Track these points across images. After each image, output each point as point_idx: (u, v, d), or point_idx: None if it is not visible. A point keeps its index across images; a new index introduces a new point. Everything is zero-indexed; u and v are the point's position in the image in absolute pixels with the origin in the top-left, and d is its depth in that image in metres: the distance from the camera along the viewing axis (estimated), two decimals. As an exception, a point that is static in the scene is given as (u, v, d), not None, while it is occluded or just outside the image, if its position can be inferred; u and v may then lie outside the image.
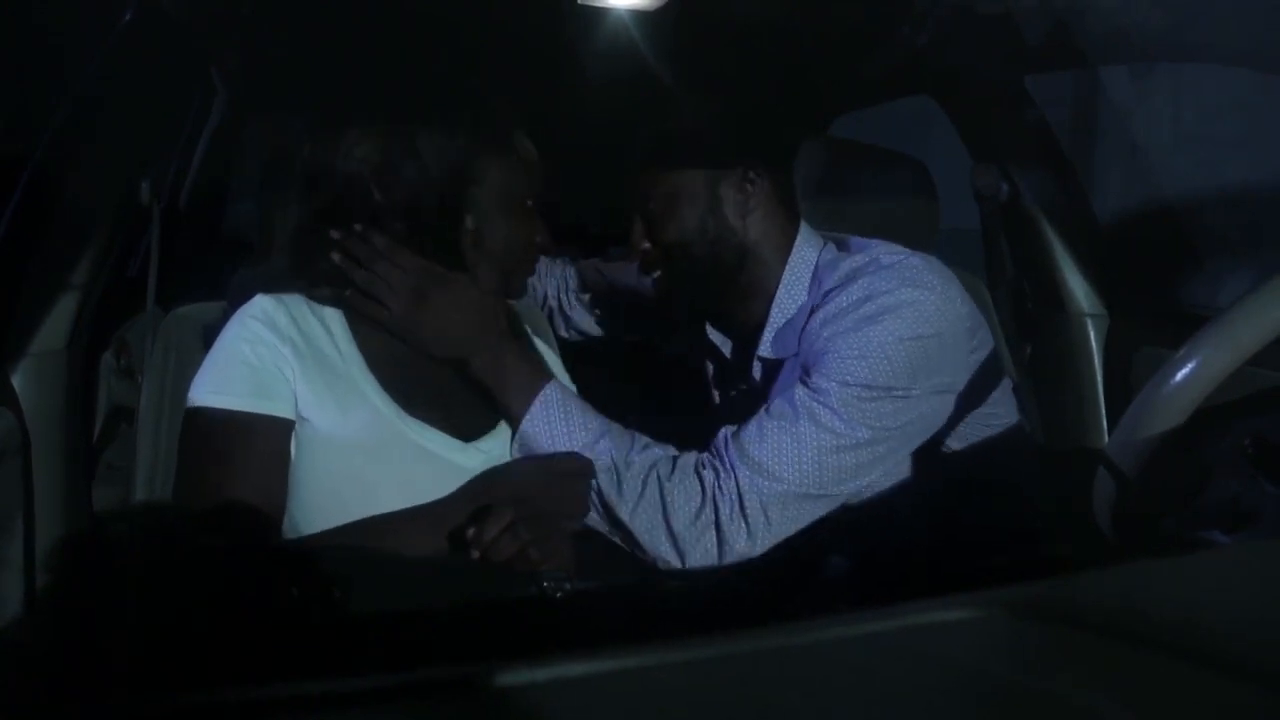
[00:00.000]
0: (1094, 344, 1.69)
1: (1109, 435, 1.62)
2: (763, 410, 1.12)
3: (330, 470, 1.01)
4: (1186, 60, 1.48)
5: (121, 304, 1.53)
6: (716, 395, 1.44)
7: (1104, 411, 1.67)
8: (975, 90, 1.72)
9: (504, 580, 0.92)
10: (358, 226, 1.05)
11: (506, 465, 1.10)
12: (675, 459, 1.11)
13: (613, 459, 1.08)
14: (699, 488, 1.08)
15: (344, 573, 0.86)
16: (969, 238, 1.76)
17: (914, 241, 1.59)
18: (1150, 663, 0.39)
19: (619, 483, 1.08)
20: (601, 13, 1.45)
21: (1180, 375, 0.79)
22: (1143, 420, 0.81)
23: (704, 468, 1.09)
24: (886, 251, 1.21)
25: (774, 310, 1.25)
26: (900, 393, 1.10)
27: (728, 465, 1.09)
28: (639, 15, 1.47)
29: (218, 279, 1.46)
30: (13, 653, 1.27)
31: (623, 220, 1.30)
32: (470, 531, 0.94)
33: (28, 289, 1.32)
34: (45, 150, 1.31)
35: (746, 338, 1.31)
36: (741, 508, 1.06)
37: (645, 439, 1.13)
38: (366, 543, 0.97)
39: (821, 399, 1.09)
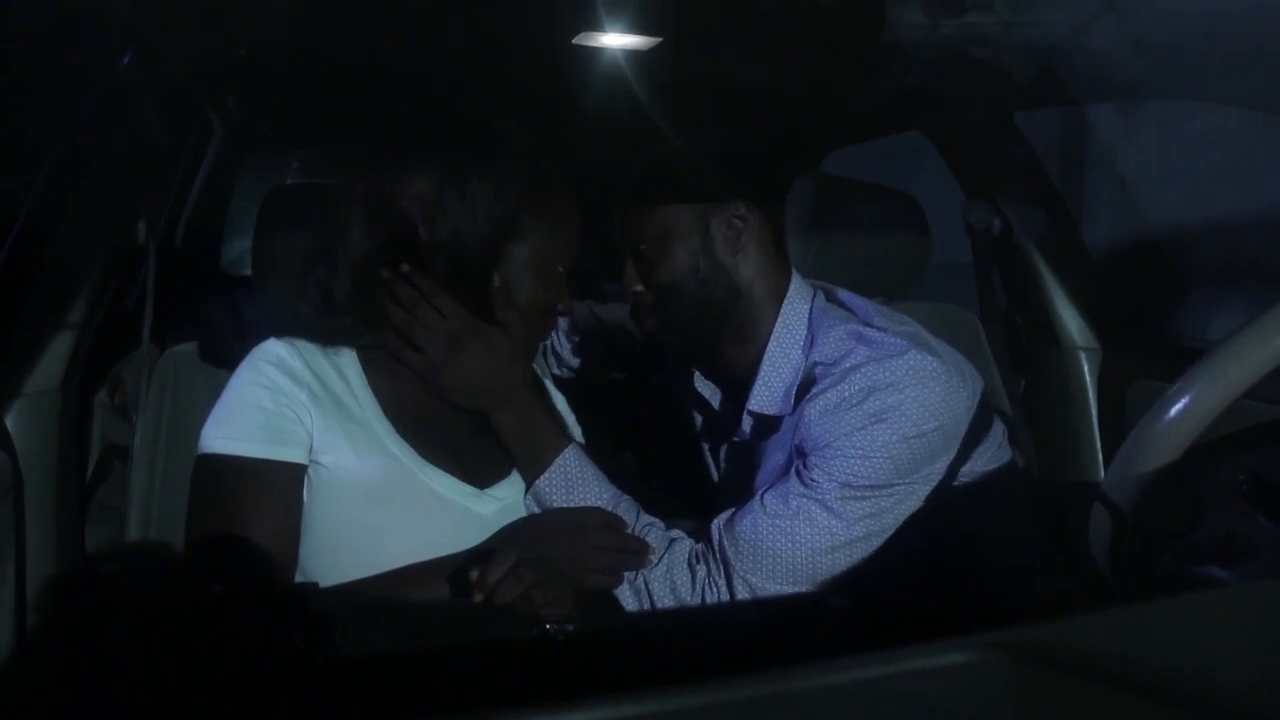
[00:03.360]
0: (1087, 377, 1.69)
1: (1104, 468, 1.63)
2: (757, 502, 1.11)
3: (343, 515, 1.00)
4: (1173, 98, 1.51)
5: (117, 342, 1.52)
6: (706, 447, 1.43)
7: (1099, 444, 1.67)
8: (966, 126, 1.73)
9: (507, 624, 0.91)
10: (405, 267, 1.04)
11: (535, 519, 1.09)
12: (672, 544, 1.11)
13: None
14: (690, 580, 1.09)
15: (347, 620, 0.86)
16: (961, 272, 1.77)
17: (906, 276, 1.60)
18: (1149, 711, 0.39)
19: None
20: (596, 52, 1.47)
21: (1174, 410, 0.79)
22: (1138, 456, 0.81)
23: (697, 561, 1.09)
24: (880, 318, 1.20)
25: (765, 362, 1.22)
26: (902, 487, 1.10)
27: (718, 560, 1.09)
28: (633, 55, 1.48)
29: (215, 316, 1.46)
30: (3, 694, 1.25)
31: (615, 258, 1.30)
32: (474, 575, 0.93)
33: (22, 327, 1.32)
34: (41, 189, 1.32)
35: (735, 388, 1.29)
36: (731, 594, 1.07)
37: (650, 519, 1.13)
38: (378, 593, 0.96)
39: (819, 498, 1.08)
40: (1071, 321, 1.70)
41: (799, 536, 1.07)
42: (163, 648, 0.88)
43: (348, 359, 1.07)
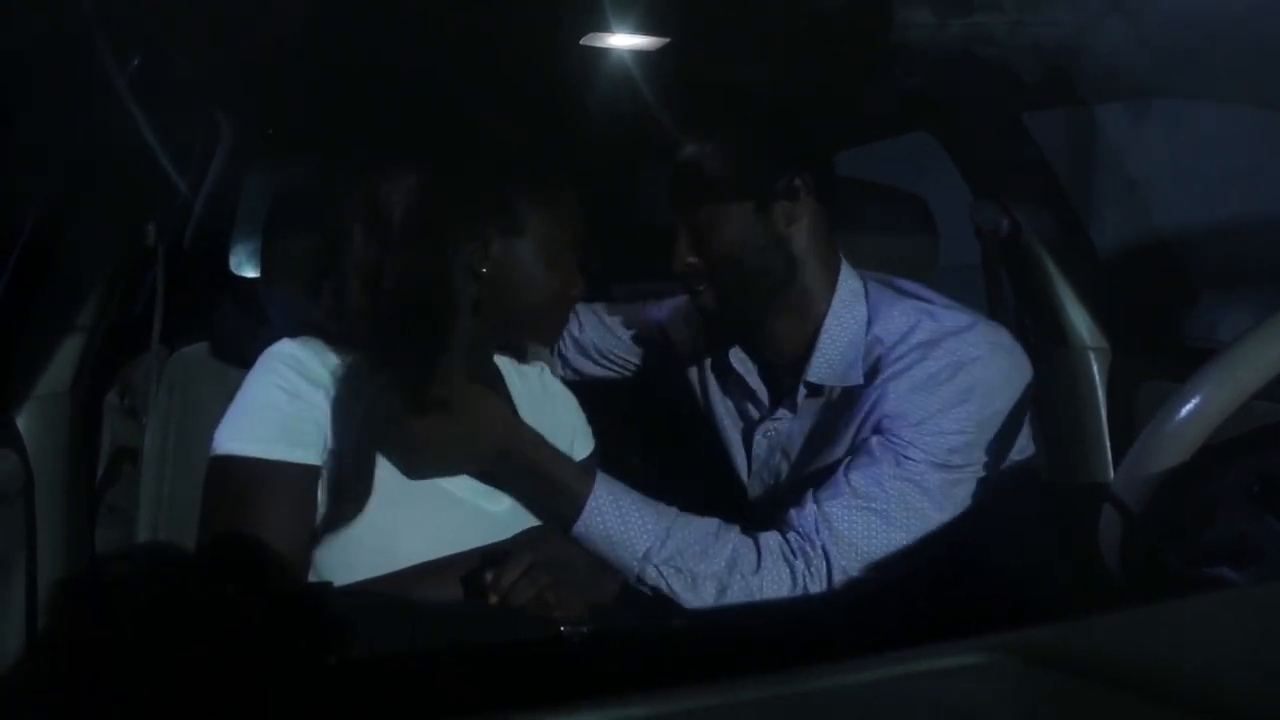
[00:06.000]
0: (1097, 377, 1.68)
1: (1114, 468, 1.62)
2: (845, 488, 1.09)
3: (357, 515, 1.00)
4: (1183, 97, 1.50)
5: (126, 344, 1.53)
6: (736, 429, 1.42)
7: (1108, 444, 1.67)
8: (974, 127, 1.73)
9: (522, 625, 0.91)
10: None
11: (542, 532, 1.09)
12: (756, 546, 1.07)
13: (684, 563, 1.05)
14: (789, 577, 1.06)
15: (360, 620, 0.86)
16: (969, 274, 1.76)
17: (915, 278, 1.59)
18: (1158, 714, 0.39)
19: (694, 585, 1.05)
20: (602, 53, 1.47)
21: (1184, 411, 0.79)
22: (1148, 457, 0.81)
23: (794, 556, 1.07)
24: (943, 303, 1.21)
25: (824, 335, 1.22)
26: (983, 466, 1.11)
27: (819, 549, 1.07)
28: (639, 55, 1.48)
29: (224, 318, 1.46)
30: (12, 696, 1.26)
31: (620, 261, 1.30)
32: (488, 576, 0.93)
33: (32, 330, 1.33)
34: (51, 192, 1.32)
35: (785, 363, 1.29)
36: (829, 587, 1.06)
37: (712, 526, 1.09)
38: (389, 593, 0.96)
39: (916, 479, 1.08)
40: (1081, 322, 1.69)
41: (895, 519, 1.06)
42: (173, 649, 0.89)
43: (355, 360, 1.07)
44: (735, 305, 1.24)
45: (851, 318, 1.22)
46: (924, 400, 1.10)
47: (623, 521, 1.06)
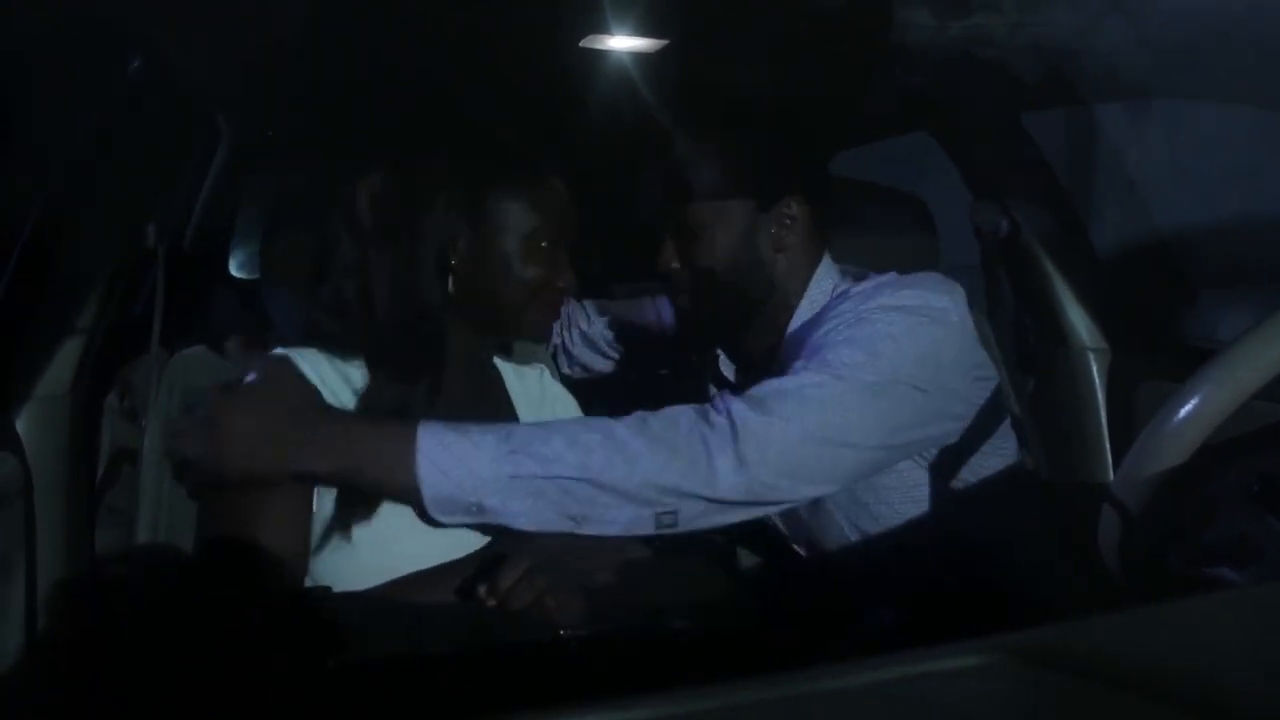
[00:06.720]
0: (1096, 378, 1.68)
1: (1113, 469, 1.62)
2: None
3: (350, 520, 1.00)
4: (1182, 97, 1.50)
5: (126, 345, 1.53)
6: None
7: (1108, 445, 1.67)
8: (973, 127, 1.73)
9: (520, 629, 0.91)
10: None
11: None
12: (646, 424, 0.99)
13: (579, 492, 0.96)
14: (694, 441, 0.98)
15: (358, 625, 0.86)
16: (969, 274, 1.76)
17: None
18: (1159, 714, 0.39)
19: (603, 514, 0.97)
20: (603, 54, 1.47)
21: (1184, 411, 0.79)
22: (1147, 457, 0.81)
23: (699, 421, 1.00)
24: (905, 278, 1.21)
25: (788, 336, 1.24)
26: (907, 388, 1.06)
27: (721, 408, 1.01)
28: (638, 56, 1.48)
29: (223, 319, 1.46)
30: (12, 696, 1.26)
31: (622, 259, 1.30)
32: (486, 581, 0.93)
33: (32, 331, 1.33)
34: (51, 194, 1.32)
35: (759, 365, 1.30)
36: (734, 439, 0.98)
37: (586, 426, 1.00)
38: (388, 599, 0.96)
39: (827, 360, 1.05)
40: (1080, 322, 1.70)
41: (806, 388, 1.02)
42: (172, 652, 0.89)
43: (355, 365, 1.08)
44: (710, 314, 1.25)
45: (814, 312, 1.24)
46: (834, 322, 1.12)
47: (449, 454, 0.94)
